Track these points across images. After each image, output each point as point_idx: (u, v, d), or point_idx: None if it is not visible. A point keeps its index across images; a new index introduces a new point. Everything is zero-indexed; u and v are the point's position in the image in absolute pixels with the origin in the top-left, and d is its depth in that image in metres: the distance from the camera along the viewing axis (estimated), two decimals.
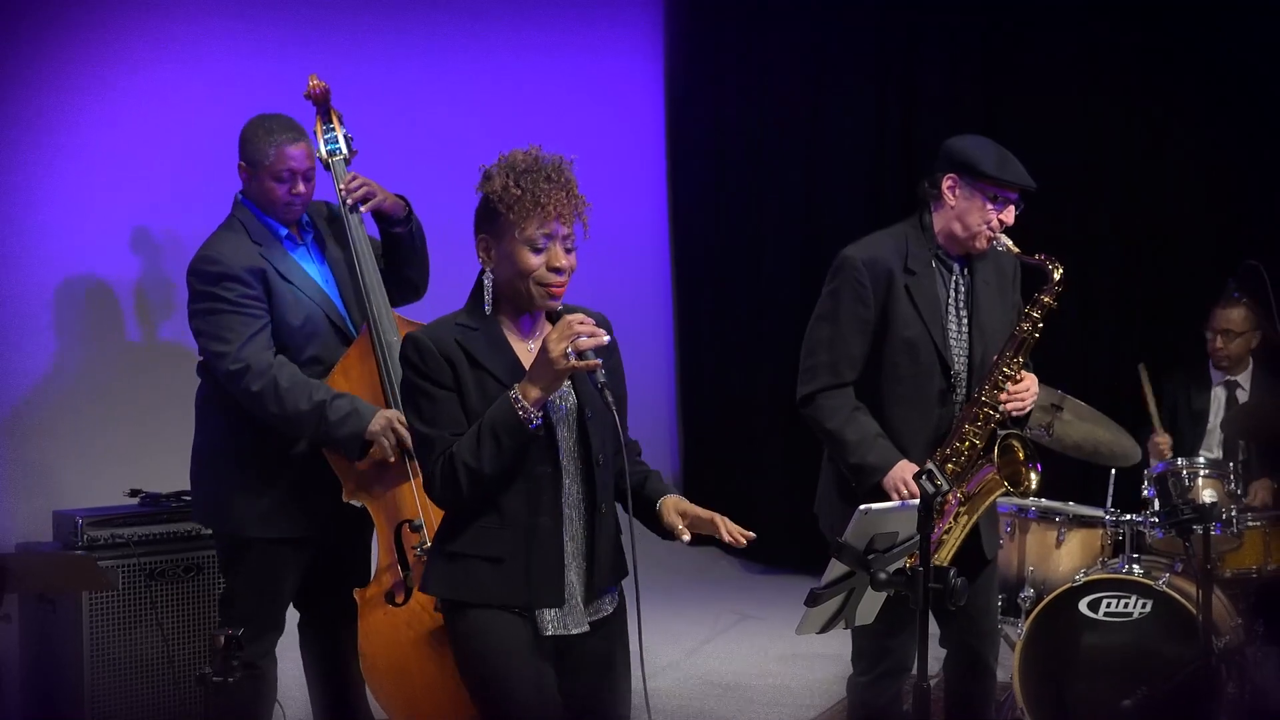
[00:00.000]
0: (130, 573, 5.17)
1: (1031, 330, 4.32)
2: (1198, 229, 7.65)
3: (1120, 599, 5.18)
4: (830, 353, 4.37)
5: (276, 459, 4.53)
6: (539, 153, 3.46)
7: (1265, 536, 5.64)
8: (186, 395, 4.95)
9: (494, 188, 3.42)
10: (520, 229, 3.39)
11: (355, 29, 7.38)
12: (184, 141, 6.51)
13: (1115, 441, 5.74)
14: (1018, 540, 5.68)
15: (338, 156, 4.80)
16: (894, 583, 3.47)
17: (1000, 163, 4.32)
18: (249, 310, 4.45)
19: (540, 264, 3.41)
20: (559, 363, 3.32)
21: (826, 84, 8.91)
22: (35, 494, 6.11)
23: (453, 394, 3.41)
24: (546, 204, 3.39)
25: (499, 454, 3.34)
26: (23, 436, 6.17)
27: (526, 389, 3.35)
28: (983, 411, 4.30)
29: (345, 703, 4.88)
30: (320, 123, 4.83)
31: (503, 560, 3.44)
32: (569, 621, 3.51)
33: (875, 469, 4.27)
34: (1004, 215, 4.33)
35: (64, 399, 6.29)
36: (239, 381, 4.39)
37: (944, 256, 4.42)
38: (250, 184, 4.57)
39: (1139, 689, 5.05)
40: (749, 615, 7.96)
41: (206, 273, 4.47)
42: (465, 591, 3.46)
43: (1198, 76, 7.60)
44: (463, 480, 3.35)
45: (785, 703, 6.30)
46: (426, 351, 3.41)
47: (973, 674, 4.57)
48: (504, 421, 3.34)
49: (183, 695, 5.18)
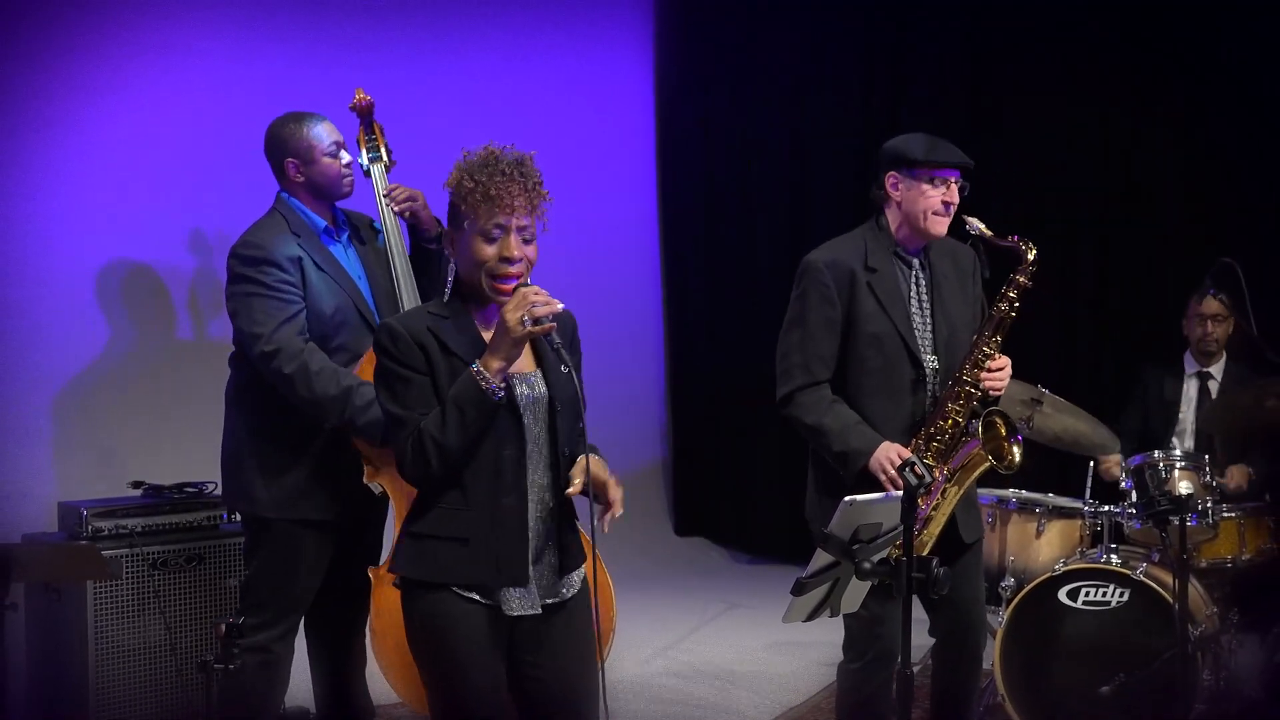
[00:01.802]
0: (134, 562, 5.19)
1: (1009, 310, 4.42)
2: (1174, 226, 7.69)
3: (1099, 588, 5.22)
4: (803, 354, 4.47)
5: (300, 444, 4.60)
6: (498, 149, 3.53)
7: (1240, 527, 5.68)
8: (188, 390, 5.02)
9: (452, 183, 3.52)
10: (473, 221, 3.47)
11: (343, 32, 7.41)
12: (176, 143, 6.56)
13: (1094, 433, 5.78)
14: (999, 531, 5.71)
15: (379, 166, 4.95)
16: (878, 572, 3.49)
17: (930, 148, 4.45)
18: (285, 295, 4.54)
19: (493, 254, 3.47)
20: (515, 330, 3.41)
21: (814, 84, 8.95)
22: (41, 486, 6.13)
23: (425, 377, 3.48)
24: (498, 196, 3.44)
25: (463, 427, 3.41)
26: (29, 431, 6.20)
27: (488, 360, 3.44)
28: (964, 390, 4.40)
29: (346, 686, 4.93)
30: (364, 133, 4.99)
31: (468, 541, 3.49)
32: (534, 602, 3.55)
33: (859, 453, 4.35)
34: (947, 195, 4.45)
35: (69, 395, 6.32)
36: (271, 363, 4.49)
37: (902, 253, 4.53)
38: (304, 174, 4.68)
39: (1117, 676, 5.12)
40: (737, 604, 7.97)
41: (248, 257, 4.57)
42: (431, 571, 3.51)
43: (1176, 78, 7.63)
44: (431, 455, 3.41)
45: (773, 689, 6.32)
46: (399, 337, 3.48)
47: (960, 662, 4.62)
48: (467, 394, 3.42)
49: (185, 682, 5.19)
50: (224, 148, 6.50)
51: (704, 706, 6.11)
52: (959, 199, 4.47)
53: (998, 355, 4.44)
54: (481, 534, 3.50)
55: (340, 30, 7.38)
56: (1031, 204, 7.78)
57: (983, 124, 8.11)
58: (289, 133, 4.69)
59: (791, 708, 6.07)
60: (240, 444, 4.70)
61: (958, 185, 4.47)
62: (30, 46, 6.18)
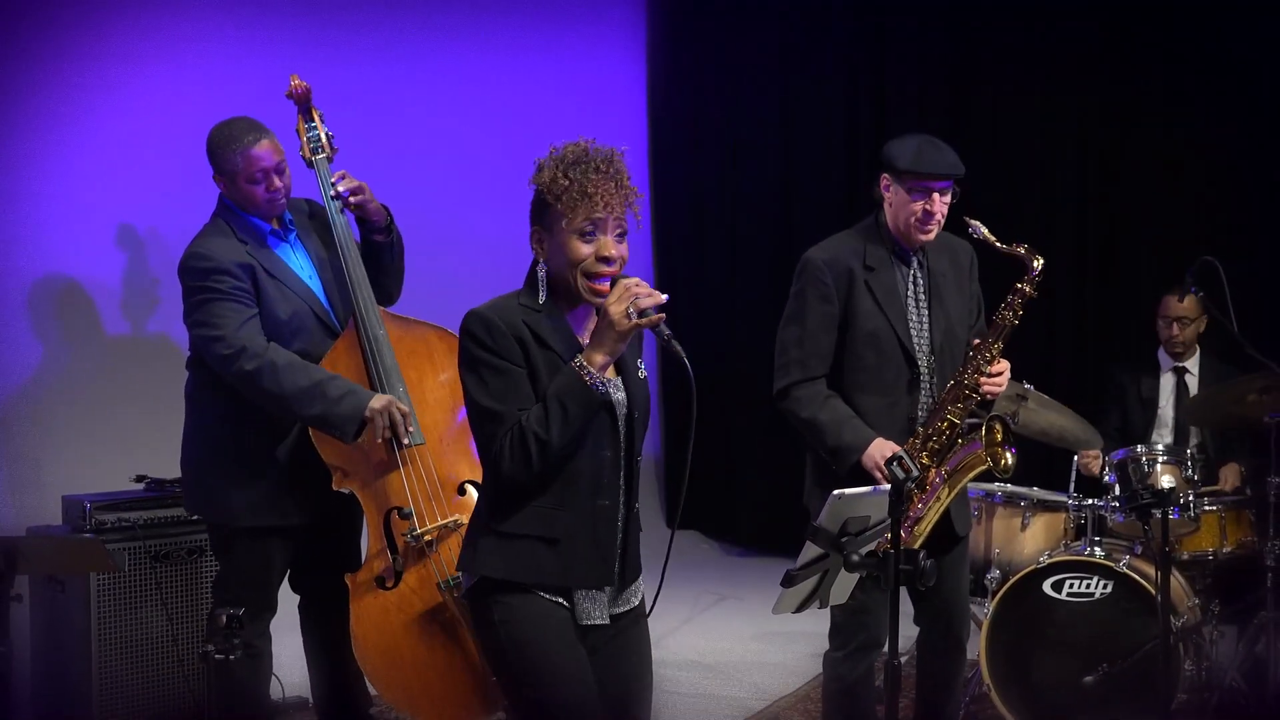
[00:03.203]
0: (136, 555, 5.21)
1: (1012, 318, 4.46)
2: (1152, 226, 7.75)
3: (1082, 580, 5.25)
4: (800, 349, 4.50)
5: (265, 451, 4.54)
6: (589, 144, 3.38)
7: (1221, 520, 5.71)
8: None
9: (543, 179, 3.34)
10: (569, 219, 3.30)
11: (336, 28, 7.41)
12: (177, 140, 6.39)
13: (1078, 428, 5.82)
14: (984, 524, 5.73)
15: (320, 155, 4.80)
16: (866, 564, 3.48)
17: (916, 157, 4.43)
18: (240, 299, 4.44)
19: (590, 253, 3.32)
20: (620, 323, 3.27)
21: (801, 85, 8.98)
22: (46, 480, 6.15)
23: (523, 371, 3.31)
24: (594, 194, 3.29)
25: (567, 425, 3.25)
26: (34, 426, 6.23)
27: (591, 355, 3.29)
28: (963, 394, 4.43)
29: (343, 682, 4.93)
30: (302, 121, 4.83)
31: (559, 541, 3.34)
32: (604, 611, 3.44)
33: (852, 448, 4.38)
34: (929, 205, 4.44)
35: (73, 391, 6.35)
36: (234, 364, 4.37)
37: (900, 252, 4.55)
38: (230, 192, 4.56)
39: (1100, 666, 5.14)
40: (728, 596, 8.02)
41: (196, 269, 4.47)
42: (520, 571, 3.34)
43: (1152, 81, 7.70)
44: (533, 453, 3.24)
45: (762, 679, 6.36)
46: (495, 329, 3.29)
47: (945, 651, 4.67)
48: (571, 390, 3.26)
49: (186, 672, 5.21)
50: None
51: (695, 695, 6.13)
52: (946, 208, 4.47)
53: (998, 360, 4.47)
54: (574, 535, 3.37)
55: (323, 29, 7.36)
56: (1011, 204, 7.82)
57: (962, 126, 8.15)
58: (216, 145, 4.54)
59: (780, 697, 6.10)
60: (199, 450, 4.64)
61: (945, 194, 4.45)
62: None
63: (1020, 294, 4.49)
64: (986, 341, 4.46)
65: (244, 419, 4.51)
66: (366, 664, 4.59)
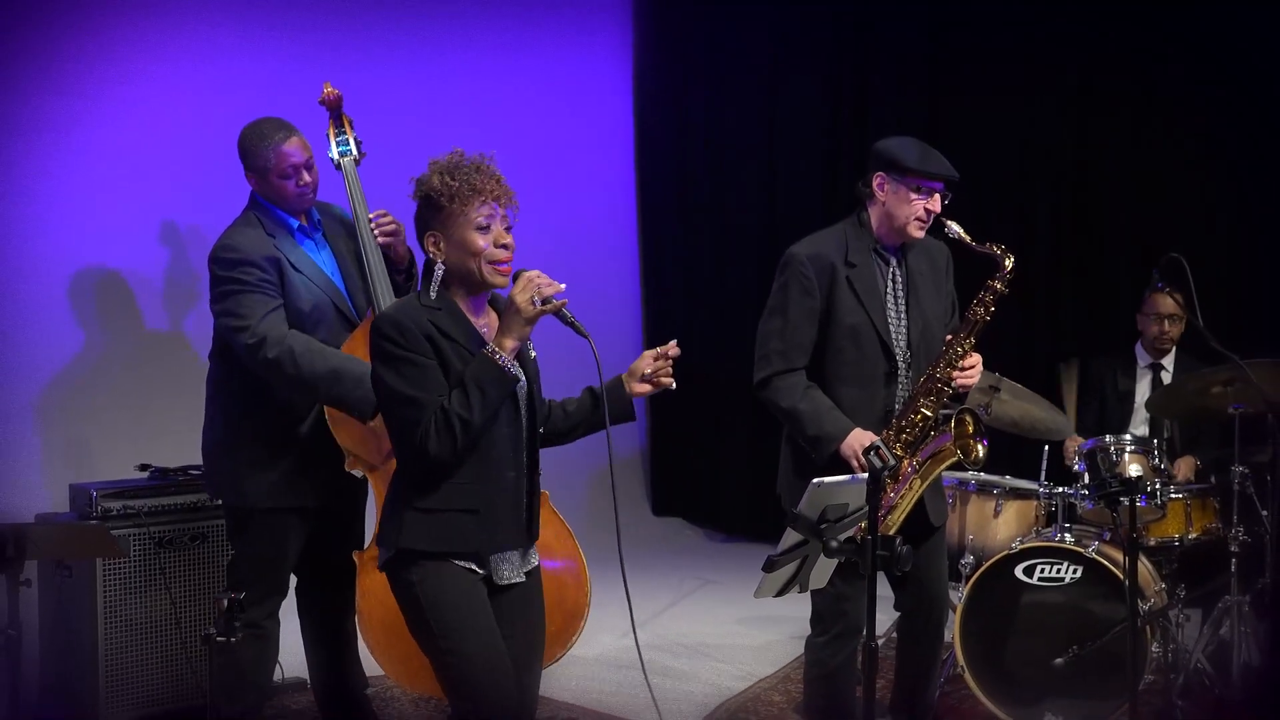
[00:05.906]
0: (141, 541, 5.27)
1: (985, 314, 4.56)
2: (1124, 222, 7.81)
3: (1053, 565, 5.30)
4: (782, 341, 4.59)
5: (282, 436, 4.68)
6: (461, 151, 3.69)
7: (1187, 508, 5.75)
8: (192, 379, 5.12)
9: (433, 185, 3.65)
10: (465, 214, 3.62)
11: (331, 31, 7.45)
12: (200, 138, 6.59)
13: (1049, 418, 5.91)
14: (959, 511, 5.81)
15: (348, 159, 5.00)
16: (844, 550, 3.55)
17: (922, 157, 4.54)
18: (266, 290, 4.60)
19: (489, 242, 3.63)
20: (527, 310, 3.59)
21: (785, 83, 9.04)
22: (54, 469, 6.22)
23: (435, 363, 3.60)
24: (483, 188, 3.62)
25: (486, 404, 3.57)
26: (43, 417, 6.29)
27: (501, 340, 3.61)
28: (936, 387, 4.52)
29: (339, 661, 5.03)
30: (333, 127, 5.04)
31: (479, 511, 3.67)
32: (517, 570, 3.78)
33: (831, 437, 4.46)
34: (930, 204, 4.56)
35: (81, 383, 6.41)
36: (257, 353, 4.53)
37: (881, 250, 4.64)
38: (261, 188, 4.74)
39: (1070, 648, 5.20)
40: (710, 580, 8.08)
41: (226, 259, 4.63)
42: (445, 542, 3.65)
43: (1124, 82, 7.75)
44: (458, 432, 3.54)
45: (744, 662, 6.42)
46: (406, 329, 3.59)
47: (925, 638, 4.76)
48: (487, 374, 3.58)
49: (189, 655, 5.28)
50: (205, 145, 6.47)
51: (679, 677, 6.19)
52: (940, 208, 4.58)
53: (970, 354, 4.57)
54: (489, 505, 3.69)
55: (317, 29, 7.40)
56: (987, 200, 7.82)
57: (940, 126, 8.20)
58: (250, 146, 4.71)
59: (762, 679, 6.16)
60: (221, 436, 4.77)
61: (941, 195, 4.57)
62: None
63: (992, 291, 4.58)
64: (959, 336, 4.55)
65: (263, 405, 4.67)
66: (370, 639, 4.70)
